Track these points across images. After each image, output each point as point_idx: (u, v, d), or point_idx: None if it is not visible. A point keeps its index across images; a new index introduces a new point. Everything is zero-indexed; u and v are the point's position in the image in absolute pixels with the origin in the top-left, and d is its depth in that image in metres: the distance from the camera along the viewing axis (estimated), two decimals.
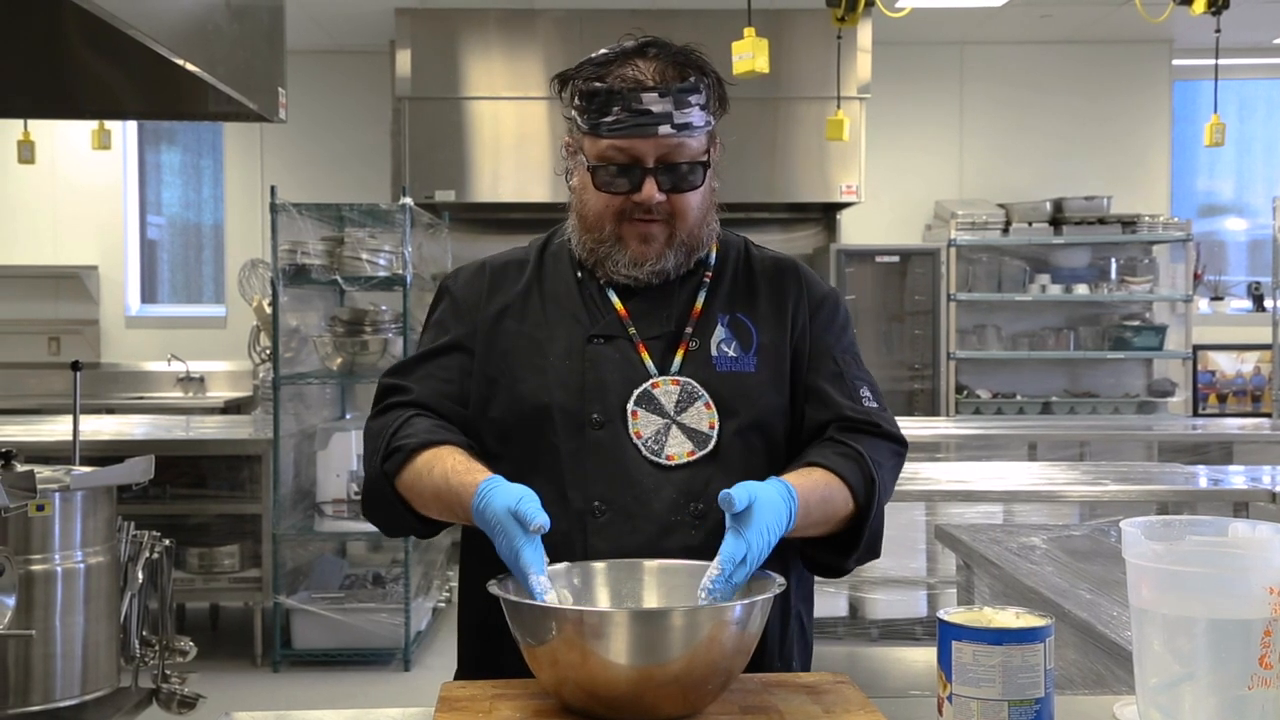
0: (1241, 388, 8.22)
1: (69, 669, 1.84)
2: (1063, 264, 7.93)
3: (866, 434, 1.72)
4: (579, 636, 1.36)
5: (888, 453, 1.74)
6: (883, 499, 1.69)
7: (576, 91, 1.71)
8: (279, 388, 5.32)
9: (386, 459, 1.67)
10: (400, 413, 1.72)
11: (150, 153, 8.64)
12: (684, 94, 1.67)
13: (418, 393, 1.74)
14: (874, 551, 1.71)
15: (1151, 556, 1.30)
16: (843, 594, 5.45)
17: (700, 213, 1.73)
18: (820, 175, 7.33)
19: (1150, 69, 8.27)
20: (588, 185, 1.72)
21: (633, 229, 1.71)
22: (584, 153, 1.72)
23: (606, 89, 1.66)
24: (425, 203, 6.85)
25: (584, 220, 1.74)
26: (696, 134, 1.69)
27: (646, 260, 1.71)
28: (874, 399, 1.77)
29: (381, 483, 1.68)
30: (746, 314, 1.78)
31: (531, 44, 7.22)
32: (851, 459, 1.67)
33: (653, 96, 1.65)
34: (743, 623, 1.41)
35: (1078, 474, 4.53)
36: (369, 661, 5.38)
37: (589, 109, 1.69)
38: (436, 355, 1.77)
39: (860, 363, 1.82)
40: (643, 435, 1.68)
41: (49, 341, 8.24)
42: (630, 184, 1.68)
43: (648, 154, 1.67)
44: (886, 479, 1.71)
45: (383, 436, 1.70)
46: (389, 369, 1.83)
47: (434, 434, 1.68)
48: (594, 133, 1.69)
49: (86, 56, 2.60)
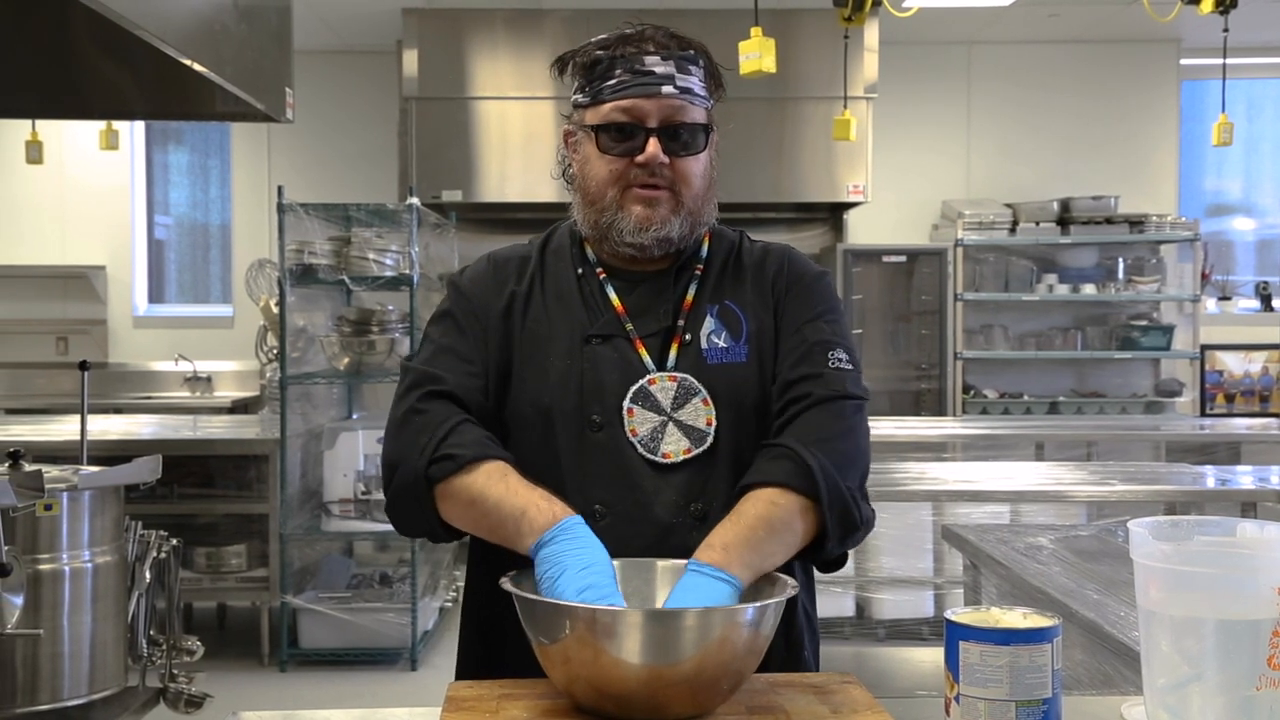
0: (1249, 388, 8.20)
1: (76, 668, 1.84)
2: (1070, 264, 7.92)
3: (804, 411, 1.64)
4: (592, 635, 1.36)
5: (830, 419, 1.64)
6: (832, 476, 1.59)
7: (577, 67, 1.73)
8: (286, 387, 5.33)
9: (433, 463, 1.61)
10: (448, 411, 1.66)
11: (158, 153, 8.65)
12: (685, 61, 1.70)
13: (452, 382, 1.68)
14: (852, 526, 1.61)
15: (1159, 557, 1.30)
16: (850, 594, 5.45)
17: (703, 181, 1.72)
18: (827, 175, 7.33)
19: (1158, 68, 8.25)
20: (590, 157, 1.72)
21: (636, 194, 1.69)
22: (587, 125, 1.72)
23: (609, 55, 1.69)
24: (432, 203, 6.86)
25: (587, 195, 1.73)
26: (698, 102, 1.70)
27: (651, 225, 1.69)
28: (848, 360, 1.69)
29: (420, 485, 1.62)
30: (735, 301, 1.75)
31: (539, 44, 7.22)
32: (781, 458, 1.60)
33: (655, 59, 1.68)
34: (755, 624, 1.41)
35: (1085, 474, 4.52)
36: (376, 661, 5.38)
37: (591, 78, 1.71)
38: (459, 348, 1.73)
39: (836, 327, 1.73)
40: (639, 433, 1.67)
41: (57, 341, 8.25)
42: (633, 145, 1.68)
43: (651, 113, 1.68)
44: (838, 448, 1.62)
45: (429, 434, 1.63)
46: (415, 356, 1.77)
47: (486, 448, 1.62)
48: (597, 99, 1.70)
49: (94, 57, 2.61)
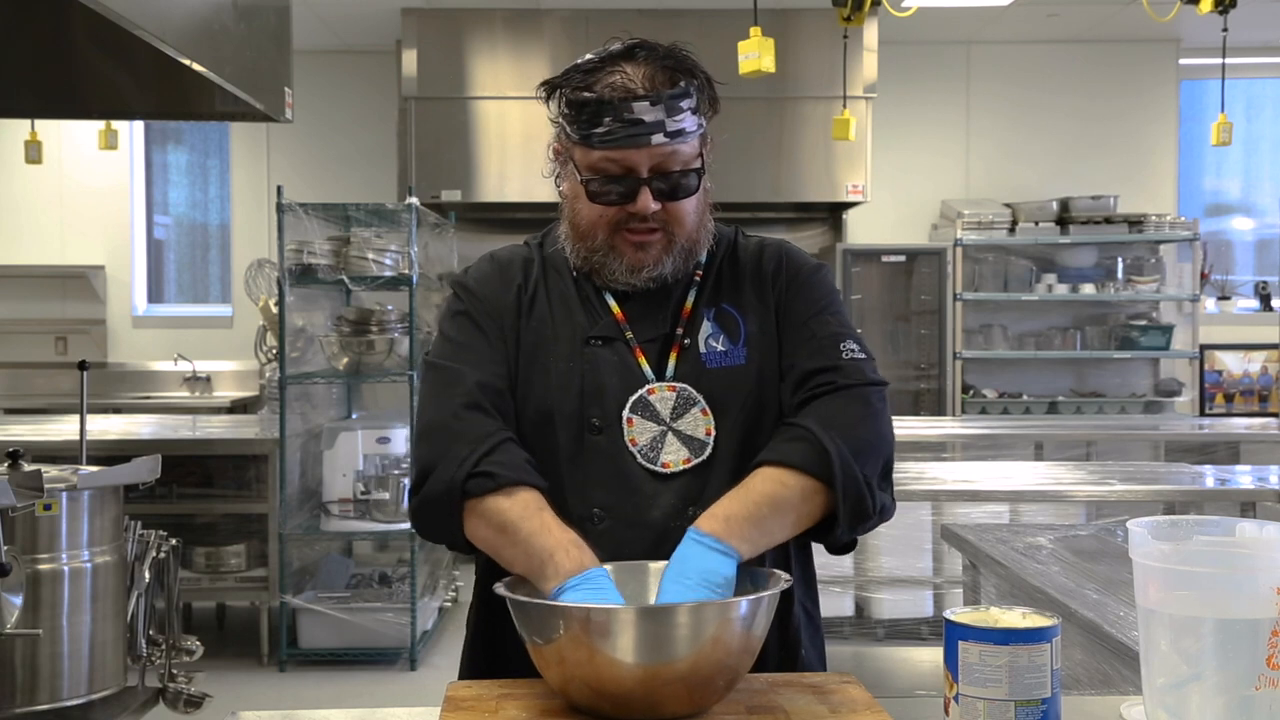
0: (1249, 387, 8.20)
1: (76, 668, 1.84)
2: (1069, 263, 7.93)
3: (824, 396, 1.64)
4: (585, 634, 1.36)
5: (851, 404, 1.64)
6: (849, 463, 1.58)
7: (565, 100, 1.66)
8: (285, 387, 5.33)
9: (471, 478, 1.59)
10: (485, 423, 1.64)
11: (157, 153, 8.65)
12: (675, 99, 1.62)
13: (479, 376, 1.66)
14: (864, 514, 1.60)
15: (1158, 556, 1.30)
16: (849, 594, 5.45)
17: (696, 217, 1.70)
18: (826, 175, 7.33)
19: (1157, 68, 8.25)
20: (580, 195, 1.68)
21: (627, 239, 1.66)
22: (575, 162, 1.67)
23: (596, 99, 1.61)
24: (431, 202, 6.86)
25: (576, 229, 1.70)
26: (689, 139, 1.65)
27: (644, 266, 1.68)
28: (860, 350, 1.69)
29: (454, 497, 1.59)
30: (733, 303, 1.74)
31: (538, 44, 7.22)
32: (798, 439, 1.60)
33: (644, 105, 1.60)
34: (749, 620, 1.41)
35: (1084, 474, 4.52)
36: (375, 661, 5.38)
37: (579, 119, 1.64)
38: (478, 343, 1.71)
39: (842, 319, 1.73)
40: (638, 443, 1.66)
41: (56, 341, 8.25)
42: (624, 195, 1.64)
43: (641, 164, 1.63)
44: (858, 433, 1.61)
45: (471, 447, 1.60)
46: (438, 353, 1.73)
47: (525, 473, 1.61)
48: (585, 143, 1.64)
49: (94, 57, 2.61)
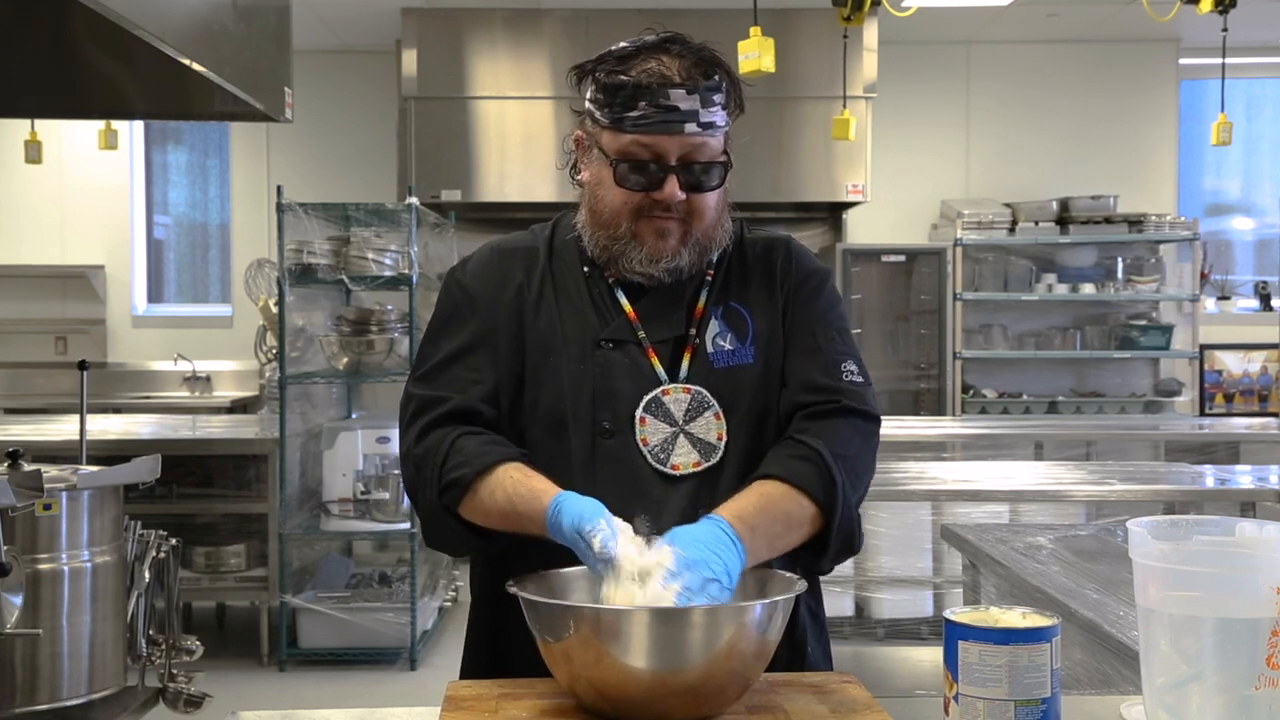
0: (1248, 387, 8.20)
1: (76, 668, 1.84)
2: (1069, 263, 7.92)
3: (831, 416, 1.66)
4: (595, 636, 1.35)
5: (855, 434, 1.67)
6: (849, 497, 1.63)
7: (598, 84, 1.66)
8: (285, 387, 5.33)
9: (443, 493, 1.63)
10: (443, 433, 1.66)
11: (157, 152, 8.65)
12: (709, 92, 1.63)
13: (455, 402, 1.68)
14: (850, 549, 1.67)
15: (1158, 556, 1.30)
16: (849, 594, 5.45)
17: (716, 213, 1.70)
18: (826, 175, 7.33)
19: (1157, 68, 8.25)
20: (604, 180, 1.68)
21: (649, 225, 1.66)
22: (602, 147, 1.67)
23: (633, 83, 1.62)
24: (431, 202, 6.85)
25: (598, 216, 1.70)
26: (718, 133, 1.66)
27: (662, 256, 1.67)
28: (859, 373, 1.71)
29: (442, 516, 1.65)
30: (740, 301, 1.74)
31: (538, 44, 7.22)
32: (809, 461, 1.62)
33: (680, 93, 1.61)
34: (763, 625, 1.39)
35: (1084, 474, 4.52)
36: (375, 661, 5.38)
37: (613, 103, 1.64)
38: (462, 355, 1.71)
39: (846, 338, 1.76)
40: (649, 443, 1.66)
41: (56, 341, 8.25)
42: (651, 181, 1.64)
43: (671, 151, 1.63)
44: (856, 468, 1.65)
45: (431, 466, 1.64)
46: (415, 375, 1.75)
47: (485, 455, 1.63)
48: (617, 127, 1.64)
49: (94, 56, 2.61)
